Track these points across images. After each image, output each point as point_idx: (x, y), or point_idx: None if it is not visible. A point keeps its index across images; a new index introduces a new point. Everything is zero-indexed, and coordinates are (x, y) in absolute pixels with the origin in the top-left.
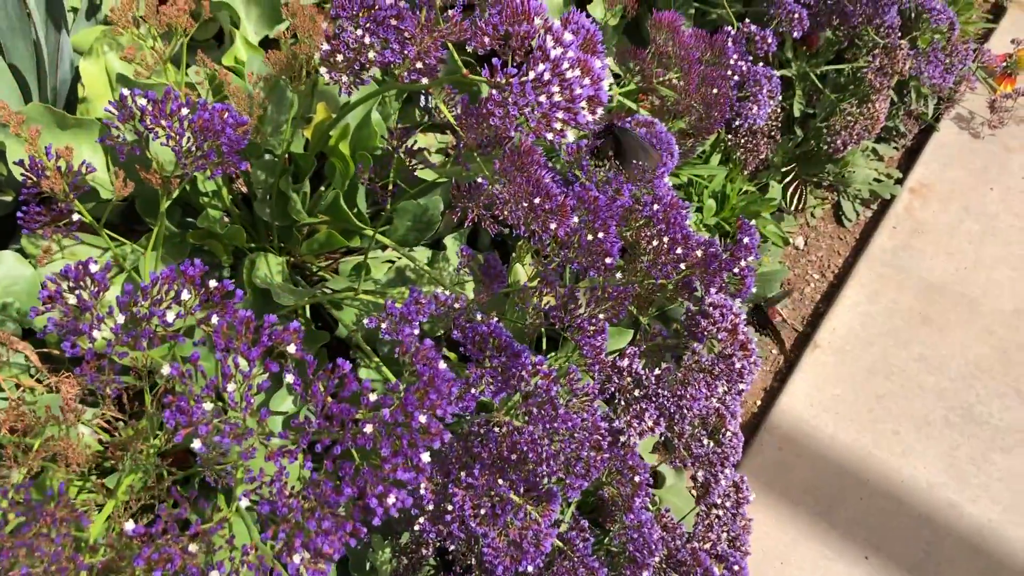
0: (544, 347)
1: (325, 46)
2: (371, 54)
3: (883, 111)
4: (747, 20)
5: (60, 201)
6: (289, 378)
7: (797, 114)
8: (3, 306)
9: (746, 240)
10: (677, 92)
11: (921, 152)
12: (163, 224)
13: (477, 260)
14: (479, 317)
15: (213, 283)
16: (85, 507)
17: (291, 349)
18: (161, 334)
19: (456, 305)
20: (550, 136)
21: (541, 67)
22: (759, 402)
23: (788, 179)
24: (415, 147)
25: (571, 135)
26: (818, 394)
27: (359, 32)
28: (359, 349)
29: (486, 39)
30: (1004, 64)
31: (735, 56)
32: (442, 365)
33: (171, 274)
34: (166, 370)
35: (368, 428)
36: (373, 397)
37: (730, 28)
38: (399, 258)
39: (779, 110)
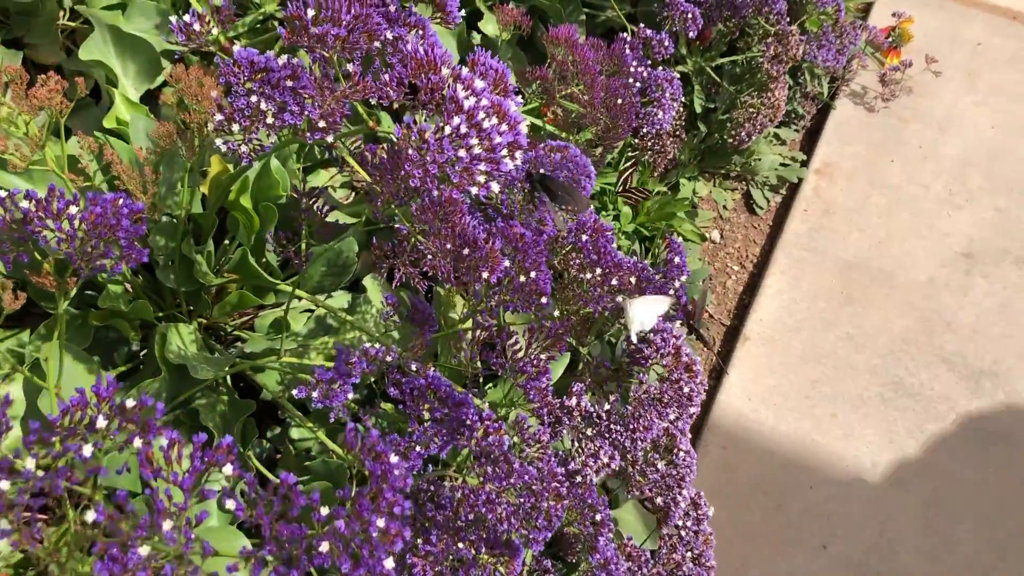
0: (481, 381)
1: (218, 116)
2: (269, 119)
3: (783, 98)
4: (640, 23)
5: None
6: (230, 504)
7: (699, 110)
8: None
9: (676, 260)
10: (582, 106)
11: (821, 132)
12: (63, 324)
13: (404, 303)
14: (414, 368)
15: (131, 402)
16: None
17: (227, 470)
18: (79, 470)
19: (388, 358)
20: (474, 190)
21: (456, 120)
22: None
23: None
24: (319, 197)
25: (495, 186)
26: (754, 387)
27: (253, 99)
28: (287, 410)
29: (391, 93)
30: (889, 38)
31: (634, 63)
32: (394, 458)
33: (82, 400)
34: (91, 516)
35: (324, 547)
36: (325, 511)
37: (626, 34)
38: (318, 305)
39: (681, 108)
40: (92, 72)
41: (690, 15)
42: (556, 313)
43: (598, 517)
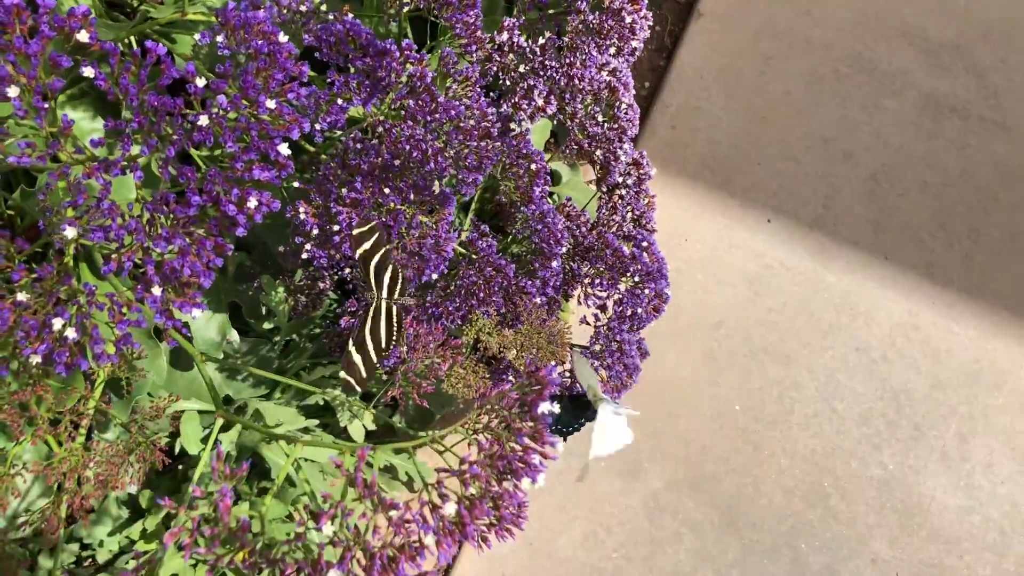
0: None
1: None
2: None
3: None
4: None
5: None
6: (88, 71)
7: None
8: None
9: None
10: None
11: None
12: None
13: None
14: (331, 17)
15: None
16: None
17: (83, 37)
18: None
19: (303, 7)
20: None
21: None
22: (647, 83)
23: None
24: None
25: None
26: (707, 65)
27: None
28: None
29: None
30: None
31: None
32: (283, 37)
33: None
34: None
35: (203, 120)
36: (201, 82)
37: None
38: None
39: None
40: None
41: None
42: None
43: (534, 167)
